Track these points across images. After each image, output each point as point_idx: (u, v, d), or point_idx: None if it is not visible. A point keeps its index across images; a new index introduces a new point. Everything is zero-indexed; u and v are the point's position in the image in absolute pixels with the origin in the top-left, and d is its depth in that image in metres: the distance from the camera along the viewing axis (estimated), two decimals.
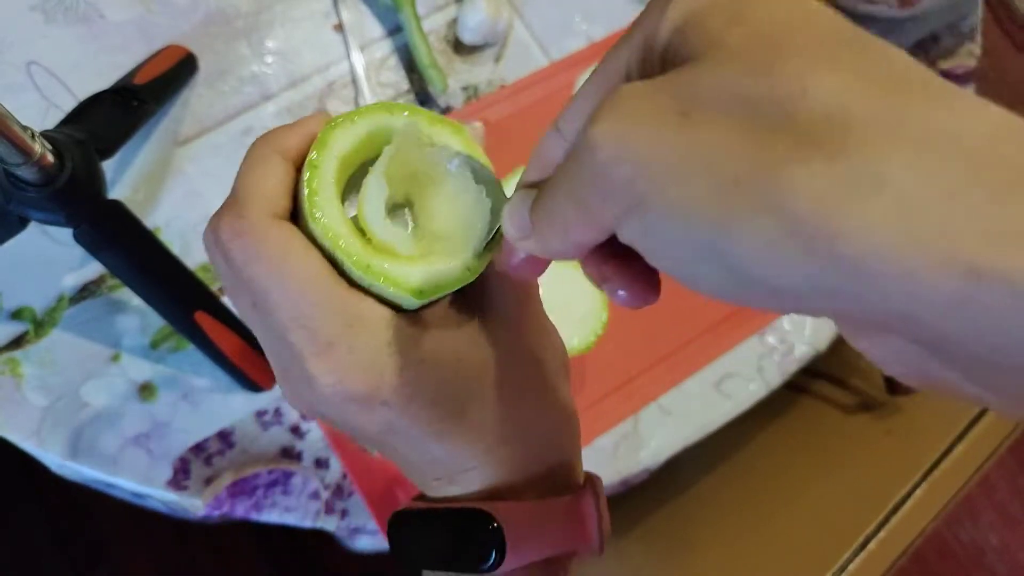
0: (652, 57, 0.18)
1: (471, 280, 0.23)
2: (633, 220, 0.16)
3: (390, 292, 0.22)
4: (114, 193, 0.48)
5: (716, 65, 0.15)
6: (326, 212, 0.22)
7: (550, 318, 0.29)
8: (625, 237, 0.17)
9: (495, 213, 0.24)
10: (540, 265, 0.22)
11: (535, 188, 0.20)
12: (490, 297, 0.26)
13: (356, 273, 0.22)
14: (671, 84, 0.16)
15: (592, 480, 0.28)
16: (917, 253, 0.12)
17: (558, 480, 0.27)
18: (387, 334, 0.23)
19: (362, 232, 0.23)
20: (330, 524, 0.46)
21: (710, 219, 0.14)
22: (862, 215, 0.13)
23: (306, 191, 0.22)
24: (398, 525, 0.26)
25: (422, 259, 0.23)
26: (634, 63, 0.18)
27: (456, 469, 0.25)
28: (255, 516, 0.45)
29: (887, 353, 0.16)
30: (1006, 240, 0.12)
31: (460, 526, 0.25)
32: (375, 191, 0.22)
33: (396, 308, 0.23)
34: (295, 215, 0.24)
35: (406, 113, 0.24)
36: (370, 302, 0.23)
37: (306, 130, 0.25)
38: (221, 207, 0.24)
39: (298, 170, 0.24)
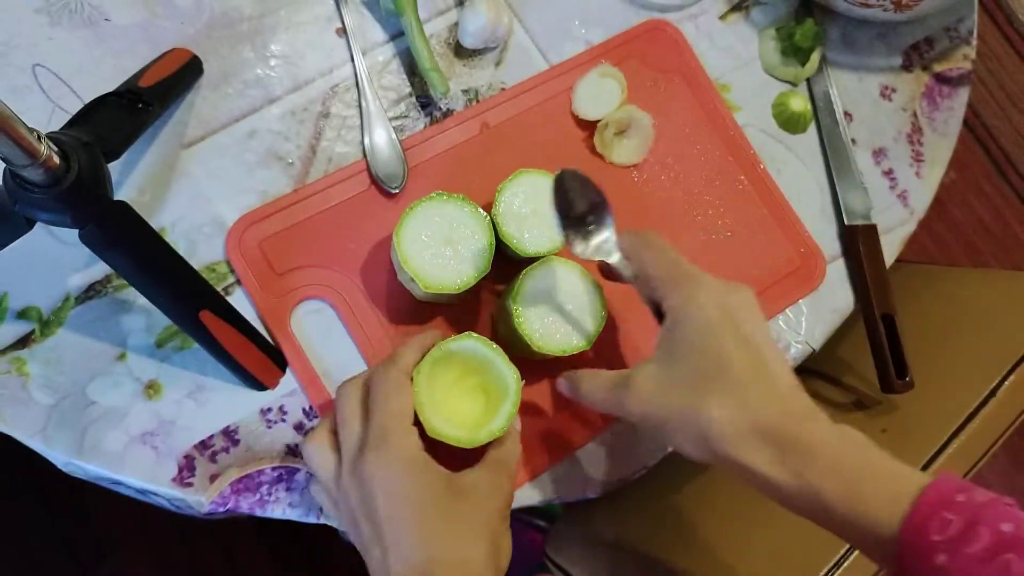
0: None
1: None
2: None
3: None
4: (120, 194, 0.48)
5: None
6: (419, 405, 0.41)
7: (553, 318, 0.46)
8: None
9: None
10: None
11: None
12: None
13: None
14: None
15: None
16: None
17: None
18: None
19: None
20: (333, 520, 0.47)
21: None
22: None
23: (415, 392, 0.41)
24: None
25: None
26: None
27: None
28: (259, 512, 0.46)
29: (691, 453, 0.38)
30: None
31: None
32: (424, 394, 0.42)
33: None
34: None
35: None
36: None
37: (414, 355, 0.42)
38: (367, 441, 0.39)
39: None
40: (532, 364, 0.48)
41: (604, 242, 0.43)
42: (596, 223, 0.43)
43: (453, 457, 0.41)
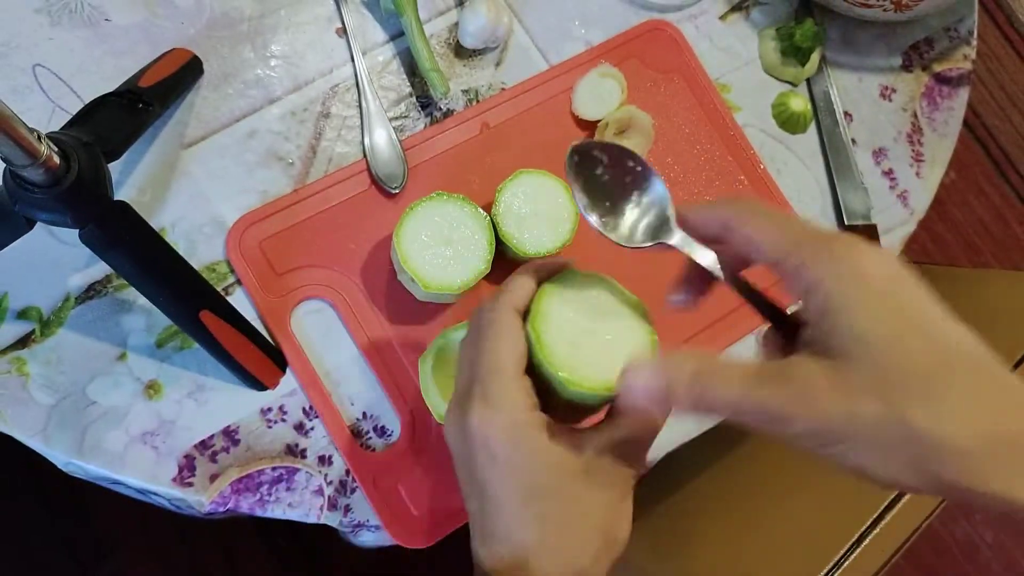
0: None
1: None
2: None
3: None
4: (120, 194, 0.48)
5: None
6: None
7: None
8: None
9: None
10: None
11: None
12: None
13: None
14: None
15: None
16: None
17: None
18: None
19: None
20: (333, 520, 0.47)
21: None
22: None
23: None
24: None
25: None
26: None
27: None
28: (259, 512, 0.46)
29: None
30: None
31: None
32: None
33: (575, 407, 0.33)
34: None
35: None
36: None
37: (527, 288, 0.34)
38: (472, 389, 0.32)
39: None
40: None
41: (655, 221, 0.33)
42: (639, 196, 0.33)
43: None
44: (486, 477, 0.32)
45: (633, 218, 0.33)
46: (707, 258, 0.31)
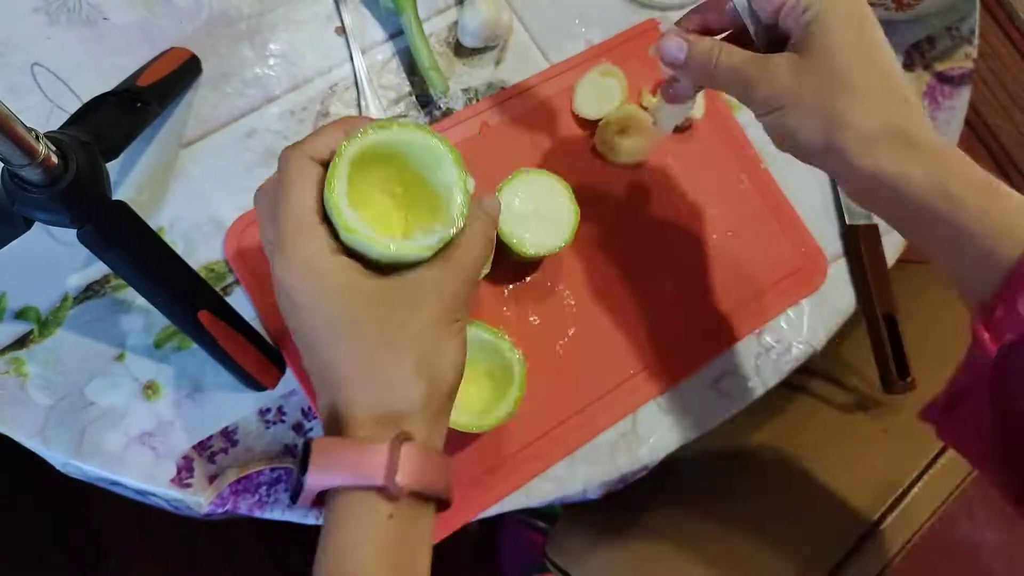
0: None
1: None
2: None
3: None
4: (118, 194, 0.48)
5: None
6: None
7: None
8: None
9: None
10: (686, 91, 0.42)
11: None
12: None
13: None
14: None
15: (407, 437, 0.31)
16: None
17: (388, 424, 0.32)
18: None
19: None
20: None
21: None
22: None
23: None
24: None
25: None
26: None
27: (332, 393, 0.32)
28: (258, 513, 0.46)
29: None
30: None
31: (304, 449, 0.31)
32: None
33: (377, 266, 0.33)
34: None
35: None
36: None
37: (331, 138, 0.34)
38: (275, 240, 0.33)
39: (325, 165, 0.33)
40: (533, 360, 0.48)
41: None
42: None
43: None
44: (296, 326, 0.33)
45: None
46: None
